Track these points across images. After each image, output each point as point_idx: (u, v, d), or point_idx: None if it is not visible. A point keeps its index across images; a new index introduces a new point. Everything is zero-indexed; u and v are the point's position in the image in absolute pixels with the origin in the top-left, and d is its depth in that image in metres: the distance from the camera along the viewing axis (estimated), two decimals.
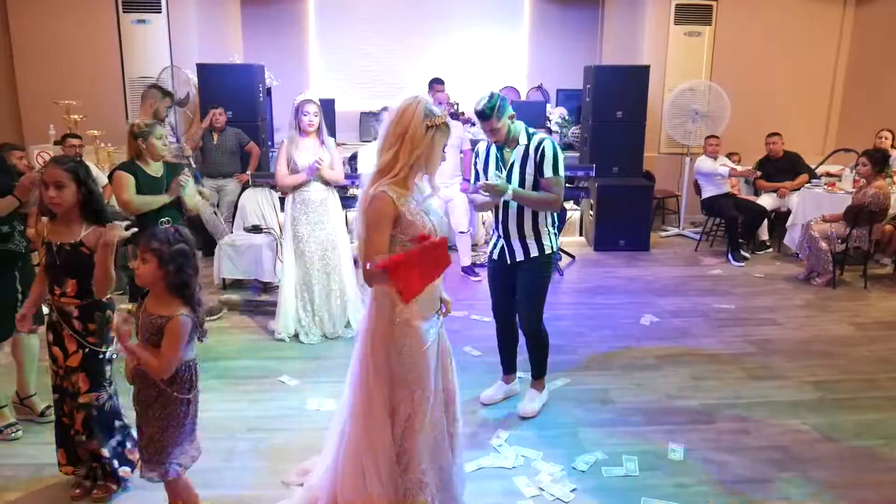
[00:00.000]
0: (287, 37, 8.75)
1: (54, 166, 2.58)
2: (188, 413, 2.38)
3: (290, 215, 4.44)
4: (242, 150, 6.53)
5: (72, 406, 2.71)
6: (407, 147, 2.22)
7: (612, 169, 7.14)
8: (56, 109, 6.48)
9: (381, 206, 2.23)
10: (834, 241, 5.68)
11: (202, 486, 2.60)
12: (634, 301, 5.34)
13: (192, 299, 2.30)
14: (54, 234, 2.62)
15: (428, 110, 2.25)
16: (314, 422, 3.43)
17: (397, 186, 2.25)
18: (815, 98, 8.18)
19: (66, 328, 2.65)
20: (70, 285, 2.61)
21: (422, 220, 2.29)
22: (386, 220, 2.23)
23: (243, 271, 5.46)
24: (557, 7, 8.95)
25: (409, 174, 2.27)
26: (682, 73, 7.70)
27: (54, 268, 2.61)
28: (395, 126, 2.25)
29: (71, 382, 2.68)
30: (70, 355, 2.67)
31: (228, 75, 6.88)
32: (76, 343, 2.66)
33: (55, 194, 2.55)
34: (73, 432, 2.72)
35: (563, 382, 3.87)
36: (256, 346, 4.39)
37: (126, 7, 7.15)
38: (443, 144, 2.32)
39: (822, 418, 3.48)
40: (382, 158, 2.27)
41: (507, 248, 3.39)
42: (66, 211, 2.60)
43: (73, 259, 2.59)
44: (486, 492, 2.86)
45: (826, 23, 8.00)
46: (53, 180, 2.55)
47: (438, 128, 2.26)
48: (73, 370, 2.67)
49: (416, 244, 2.19)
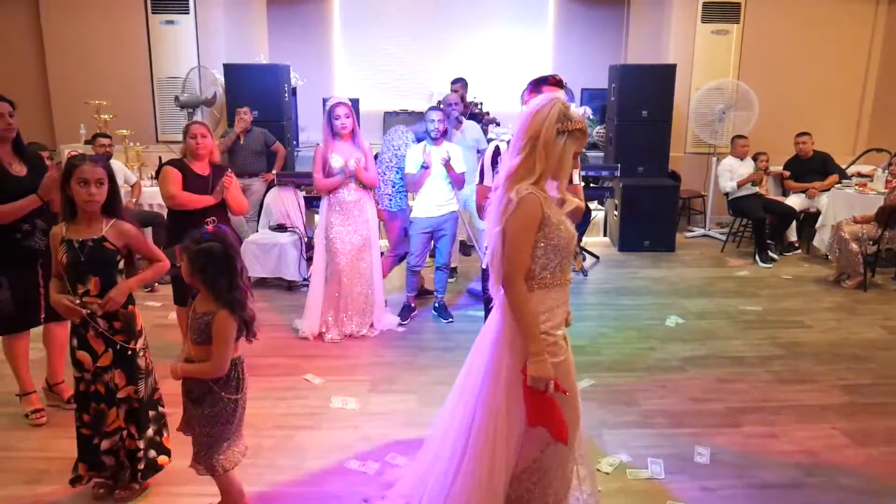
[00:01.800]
0: (312, 37, 8.82)
1: (93, 165, 2.57)
2: (235, 412, 2.44)
3: (325, 215, 4.47)
4: (268, 149, 6.59)
5: (101, 406, 2.68)
6: (542, 152, 2.09)
7: (638, 169, 7.08)
8: (86, 109, 6.62)
9: (531, 207, 2.08)
10: (865, 242, 5.57)
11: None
12: (659, 302, 5.29)
13: (223, 298, 2.33)
14: (74, 233, 2.60)
15: (562, 114, 2.10)
16: (338, 420, 3.46)
17: (538, 190, 2.13)
18: (846, 97, 8.02)
19: (91, 329, 2.64)
20: (93, 283, 2.60)
21: (564, 227, 2.17)
22: (534, 224, 2.10)
23: (268, 270, 5.52)
24: (583, 6, 8.90)
25: (544, 180, 2.15)
26: (709, 71, 7.60)
27: (78, 265, 2.58)
28: (528, 128, 2.12)
29: (103, 383, 2.67)
30: (100, 356, 2.66)
31: (254, 75, 6.95)
32: (104, 342, 2.66)
33: (96, 191, 2.56)
34: (116, 429, 2.71)
35: (588, 384, 3.85)
36: (282, 345, 4.43)
37: (155, 8, 7.28)
38: (572, 152, 2.16)
39: (851, 423, 3.41)
40: (516, 161, 2.13)
41: None
42: (97, 208, 2.62)
43: (97, 255, 2.59)
44: None
45: (858, 20, 7.84)
46: (96, 178, 2.55)
47: (571, 133, 2.11)
48: (106, 369, 2.67)
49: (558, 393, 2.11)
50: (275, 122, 6.86)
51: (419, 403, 3.62)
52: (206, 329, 2.33)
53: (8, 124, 3.11)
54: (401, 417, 3.48)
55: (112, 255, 2.62)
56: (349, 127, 4.34)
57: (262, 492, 2.84)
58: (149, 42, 7.37)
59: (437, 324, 4.83)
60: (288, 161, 6.91)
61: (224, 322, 2.32)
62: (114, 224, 2.64)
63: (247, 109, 6.50)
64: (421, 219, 4.72)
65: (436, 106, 4.77)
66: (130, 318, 2.72)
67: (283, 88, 7.04)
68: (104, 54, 7.38)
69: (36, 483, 2.88)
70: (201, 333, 2.35)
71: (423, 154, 4.57)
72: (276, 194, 5.96)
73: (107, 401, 2.69)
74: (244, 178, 6.50)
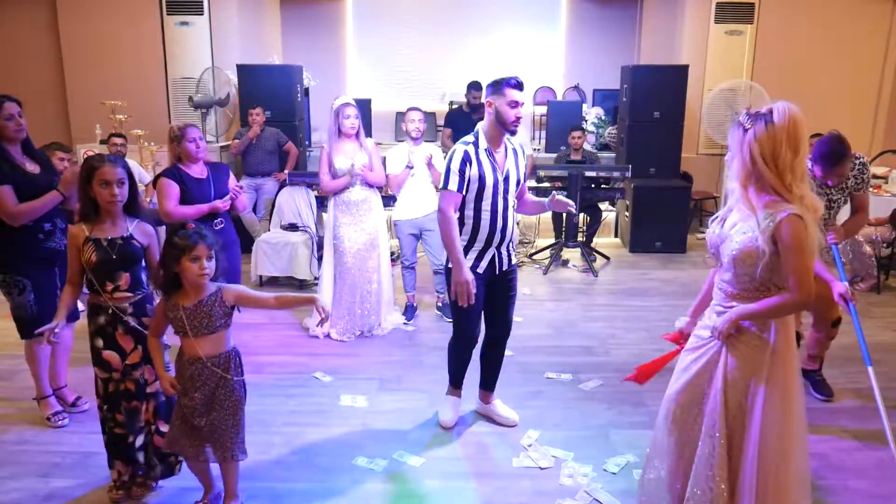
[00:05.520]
0: (325, 38, 8.87)
1: (112, 166, 2.60)
2: (245, 395, 2.57)
3: (333, 215, 4.50)
4: (281, 149, 6.64)
5: (134, 404, 2.70)
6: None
7: (649, 170, 7.06)
8: (102, 109, 6.69)
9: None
10: (879, 245, 5.52)
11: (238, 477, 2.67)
12: (670, 304, 5.27)
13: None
14: (100, 232, 2.63)
15: None
16: (347, 417, 3.48)
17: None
18: (861, 98, 7.95)
19: (119, 328, 2.66)
20: (124, 279, 2.64)
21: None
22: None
23: (279, 269, 5.56)
24: (595, 6, 8.88)
25: None
26: (722, 72, 7.56)
27: (109, 262, 2.61)
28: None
29: (133, 380, 2.69)
30: (128, 354, 2.68)
31: (268, 76, 7.01)
32: (133, 339, 2.68)
33: (118, 191, 2.60)
34: (144, 423, 2.73)
35: (596, 384, 3.85)
36: (292, 343, 4.47)
37: (170, 10, 7.35)
38: None
39: (863, 426, 3.39)
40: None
41: (497, 257, 3.16)
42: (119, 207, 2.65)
43: (127, 252, 2.64)
44: (517, 491, 2.87)
45: (874, 20, 7.76)
46: (117, 178, 2.59)
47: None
48: (135, 366, 2.69)
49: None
50: (287, 122, 6.92)
51: (428, 402, 3.64)
52: (220, 310, 2.44)
53: (18, 124, 3.12)
54: (409, 415, 3.50)
55: (139, 253, 2.69)
56: (356, 127, 4.38)
57: (271, 488, 2.87)
58: (164, 43, 7.44)
59: (443, 323, 4.84)
60: (300, 161, 6.96)
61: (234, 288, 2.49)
62: (138, 224, 2.71)
63: (259, 110, 6.56)
64: (405, 221, 4.75)
65: (415, 107, 4.81)
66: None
67: (295, 89, 7.09)
68: (120, 55, 7.47)
69: (50, 476, 2.93)
70: (216, 318, 2.43)
71: (409, 154, 4.62)
72: (287, 194, 6.00)
73: (138, 397, 2.71)
74: (257, 177, 6.57)
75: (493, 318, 3.28)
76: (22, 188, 3.09)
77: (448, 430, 3.35)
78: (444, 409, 3.43)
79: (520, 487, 2.89)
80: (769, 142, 2.07)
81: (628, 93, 7.15)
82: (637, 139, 7.11)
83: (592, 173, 6.30)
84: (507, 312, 3.30)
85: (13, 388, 3.75)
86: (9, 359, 4.10)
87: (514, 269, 3.27)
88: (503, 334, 3.35)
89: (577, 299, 5.42)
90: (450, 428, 3.36)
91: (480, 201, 3.06)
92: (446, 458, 3.12)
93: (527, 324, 4.76)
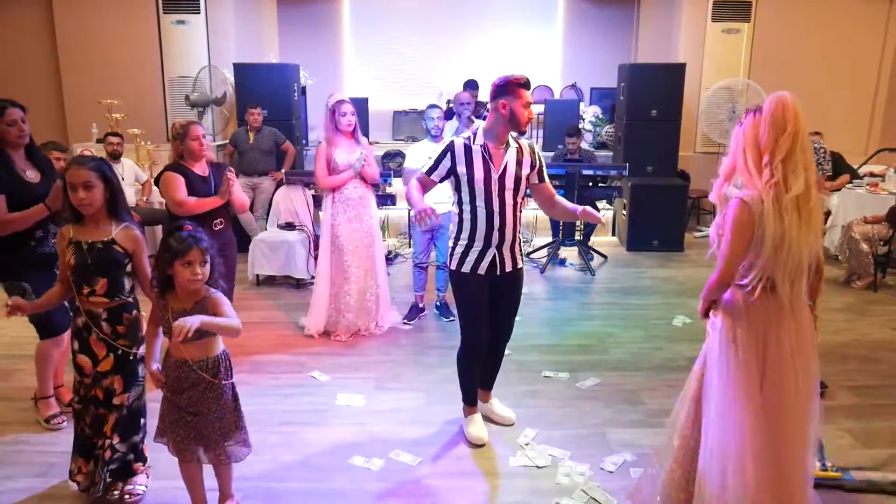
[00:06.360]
0: (322, 36, 8.87)
1: (77, 168, 2.51)
2: (236, 396, 2.53)
3: (329, 212, 4.49)
4: (278, 148, 6.63)
5: (101, 411, 2.67)
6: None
7: (646, 168, 7.07)
8: (99, 108, 6.69)
9: None
10: (876, 243, 5.53)
11: (233, 477, 2.66)
12: (667, 302, 5.27)
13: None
14: (82, 234, 2.57)
15: None
16: (344, 417, 3.48)
17: None
18: (858, 96, 7.96)
19: (93, 333, 2.61)
20: (101, 284, 2.58)
21: None
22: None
23: (276, 268, 5.55)
24: (592, 5, 8.89)
25: None
26: (719, 71, 7.57)
27: (85, 267, 2.55)
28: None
29: (102, 388, 2.65)
30: (100, 361, 2.63)
31: (264, 74, 7.00)
32: (106, 347, 2.63)
33: (85, 195, 2.51)
34: (102, 434, 2.67)
35: (593, 382, 3.85)
36: (288, 342, 4.46)
37: (166, 8, 7.34)
38: None
39: (859, 424, 3.39)
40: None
41: (498, 258, 3.09)
42: (95, 211, 2.57)
43: (105, 257, 2.58)
44: (514, 490, 2.87)
45: (870, 19, 7.77)
46: (82, 181, 2.50)
47: None
48: (105, 374, 2.64)
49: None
50: (284, 121, 6.91)
51: (425, 401, 3.64)
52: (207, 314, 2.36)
53: (21, 130, 3.10)
54: (406, 415, 3.50)
55: (120, 258, 2.61)
56: (353, 124, 4.37)
57: (268, 487, 2.86)
58: (160, 42, 7.43)
59: (441, 322, 4.84)
60: (297, 160, 6.95)
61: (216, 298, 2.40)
62: (124, 228, 2.63)
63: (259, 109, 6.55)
64: None
65: (434, 104, 4.79)
66: (135, 323, 2.69)
67: (292, 88, 7.09)
68: (116, 54, 7.46)
69: (46, 476, 2.92)
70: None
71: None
72: (284, 193, 5.99)
73: (105, 405, 2.67)
74: (254, 176, 6.55)
75: (495, 319, 3.26)
76: (19, 196, 3.07)
77: (482, 445, 3.20)
78: (469, 427, 3.27)
79: (517, 486, 2.89)
80: (753, 129, 2.15)
81: (625, 91, 7.15)
82: (634, 137, 7.11)
83: (590, 172, 6.30)
84: (509, 315, 3.28)
85: (9, 388, 3.74)
86: (6, 359, 4.08)
87: (520, 272, 3.19)
88: (503, 336, 3.33)
89: (575, 298, 5.42)
90: (486, 442, 3.22)
91: (474, 199, 3.04)
92: (443, 458, 3.12)
93: (524, 322, 4.75)
